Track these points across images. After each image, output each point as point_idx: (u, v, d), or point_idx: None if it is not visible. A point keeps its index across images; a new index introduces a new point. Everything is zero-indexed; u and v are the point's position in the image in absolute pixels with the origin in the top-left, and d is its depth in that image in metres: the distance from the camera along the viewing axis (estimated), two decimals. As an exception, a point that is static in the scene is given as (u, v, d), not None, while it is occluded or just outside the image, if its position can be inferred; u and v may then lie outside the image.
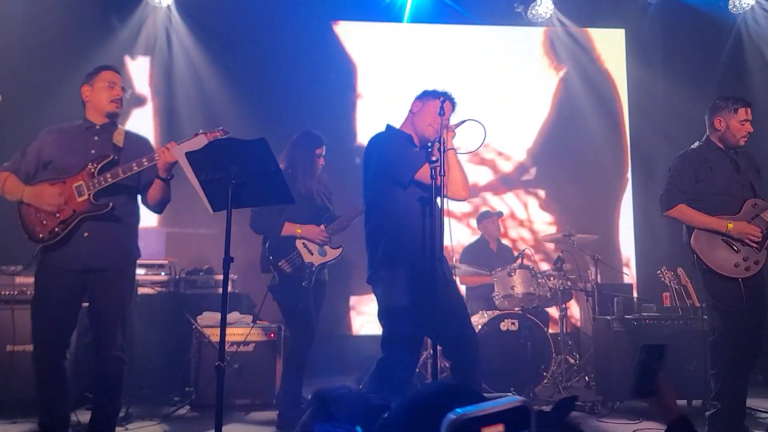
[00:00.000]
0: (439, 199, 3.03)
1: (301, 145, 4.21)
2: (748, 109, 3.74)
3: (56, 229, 3.10)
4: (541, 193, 6.99)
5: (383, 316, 3.24)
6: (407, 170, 3.18)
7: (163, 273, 5.03)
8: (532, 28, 7.11)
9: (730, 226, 3.54)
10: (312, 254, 4.10)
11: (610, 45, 7.24)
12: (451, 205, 3.14)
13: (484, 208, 6.38)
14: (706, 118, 3.84)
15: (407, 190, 3.20)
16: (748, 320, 3.50)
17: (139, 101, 6.41)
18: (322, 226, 4.12)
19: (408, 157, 3.23)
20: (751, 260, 3.54)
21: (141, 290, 4.74)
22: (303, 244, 4.10)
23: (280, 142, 4.44)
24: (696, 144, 3.83)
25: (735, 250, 3.55)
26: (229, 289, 3.83)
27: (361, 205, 3.95)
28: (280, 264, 4.03)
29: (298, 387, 4.12)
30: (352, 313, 6.67)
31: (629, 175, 7.13)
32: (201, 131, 3.15)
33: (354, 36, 7.00)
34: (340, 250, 4.19)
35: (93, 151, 3.24)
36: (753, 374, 5.51)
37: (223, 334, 2.57)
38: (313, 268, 4.05)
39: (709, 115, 3.81)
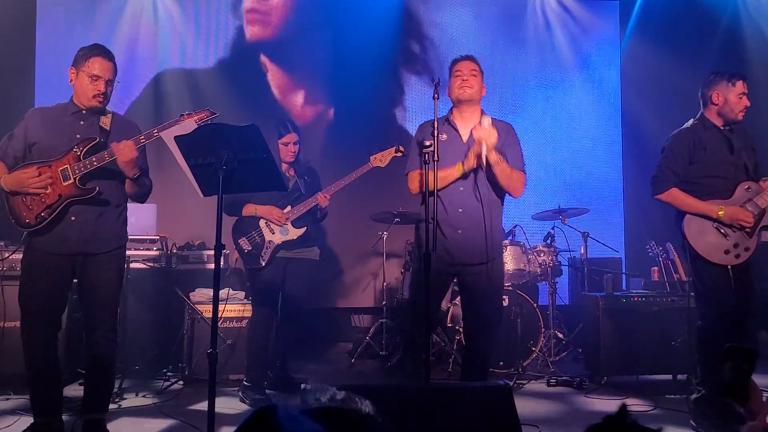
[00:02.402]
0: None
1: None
2: (745, 82, 3.62)
3: (42, 214, 3.07)
4: (531, 167, 6.96)
5: None
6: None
7: (155, 248, 5.00)
8: (526, 1, 7.02)
9: (721, 212, 3.47)
10: (273, 233, 4.26)
11: (605, 17, 7.16)
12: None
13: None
14: (701, 93, 3.70)
15: None
16: (736, 307, 3.47)
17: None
18: (288, 207, 4.24)
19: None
20: (741, 247, 3.48)
21: (133, 265, 4.72)
22: (266, 223, 4.25)
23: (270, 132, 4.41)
24: (690, 122, 3.72)
25: (725, 236, 3.48)
26: (222, 263, 3.86)
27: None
28: (239, 242, 4.23)
29: (260, 364, 4.22)
30: (344, 287, 6.70)
31: (620, 148, 7.13)
32: (186, 113, 3.08)
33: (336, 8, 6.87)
34: (303, 229, 4.31)
35: (78, 135, 3.17)
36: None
37: (215, 325, 2.58)
38: (271, 247, 4.22)
39: (705, 90, 3.66)
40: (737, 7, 6.77)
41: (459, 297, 5.33)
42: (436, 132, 2.98)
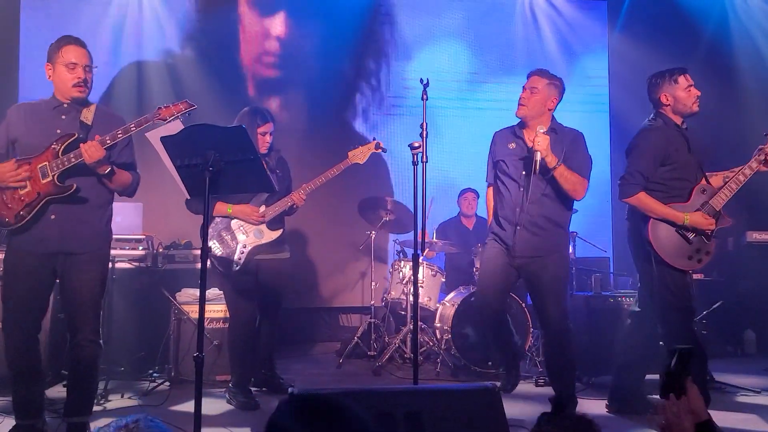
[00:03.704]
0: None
1: (241, 122, 3.96)
2: (687, 75, 3.64)
3: (22, 213, 3.02)
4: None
5: None
6: None
7: (140, 248, 4.95)
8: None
9: (687, 218, 3.47)
10: (247, 236, 4.03)
11: (593, 17, 7.19)
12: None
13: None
14: (650, 98, 3.73)
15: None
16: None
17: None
18: (263, 207, 4.03)
19: None
20: (702, 251, 3.51)
21: (118, 265, 4.67)
22: (239, 224, 4.03)
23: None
24: (654, 119, 3.67)
25: (688, 241, 3.49)
26: (208, 264, 3.80)
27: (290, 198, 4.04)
28: (209, 244, 3.96)
29: (244, 366, 4.12)
30: (332, 286, 6.68)
31: (608, 148, 7.15)
32: (164, 106, 3.03)
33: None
34: (279, 232, 4.10)
35: (58, 131, 3.11)
36: (722, 346, 5.70)
37: (201, 328, 2.55)
38: (246, 251, 4.00)
39: (652, 95, 3.68)
40: (725, 8, 6.81)
41: (447, 297, 5.36)
42: (424, 132, 2.98)
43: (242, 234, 4.03)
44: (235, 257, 3.98)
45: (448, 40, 6.90)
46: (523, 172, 3.65)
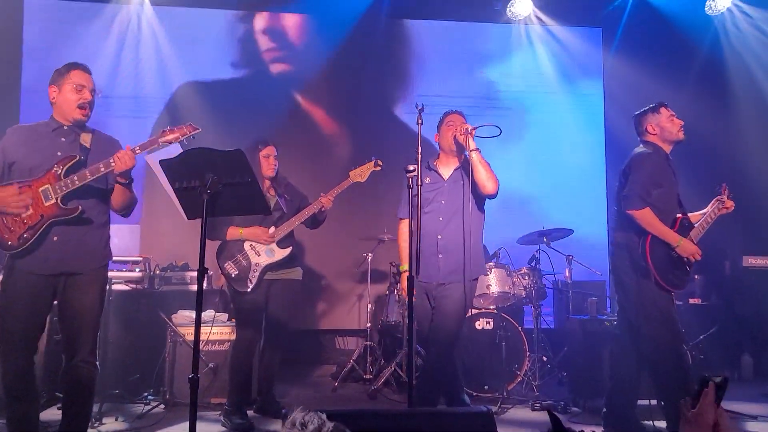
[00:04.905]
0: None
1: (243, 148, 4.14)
2: (667, 106, 3.83)
3: (25, 235, 3.03)
4: (516, 189, 7.01)
5: None
6: None
7: (137, 269, 4.96)
8: (511, 26, 7.12)
9: (680, 243, 3.58)
10: (259, 255, 4.16)
11: (588, 42, 7.28)
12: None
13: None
14: (637, 132, 3.89)
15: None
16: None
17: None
18: (272, 228, 4.14)
19: None
20: (681, 274, 3.66)
21: (115, 287, 4.66)
22: (251, 245, 4.16)
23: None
24: (646, 146, 3.80)
25: (674, 263, 3.62)
26: (204, 285, 3.81)
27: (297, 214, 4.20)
28: (225, 266, 4.13)
29: (242, 387, 4.20)
30: (328, 308, 6.66)
31: (605, 170, 7.20)
32: (168, 129, 3.09)
33: (322, 29, 6.92)
34: (289, 249, 4.22)
35: (59, 153, 3.14)
36: (718, 371, 5.67)
37: (197, 349, 2.55)
38: (258, 270, 4.13)
39: (639, 128, 3.85)
40: (717, 34, 6.91)
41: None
42: (419, 156, 3.01)
43: (255, 254, 4.16)
44: (249, 276, 4.11)
45: (444, 68, 6.98)
46: (443, 201, 3.82)
